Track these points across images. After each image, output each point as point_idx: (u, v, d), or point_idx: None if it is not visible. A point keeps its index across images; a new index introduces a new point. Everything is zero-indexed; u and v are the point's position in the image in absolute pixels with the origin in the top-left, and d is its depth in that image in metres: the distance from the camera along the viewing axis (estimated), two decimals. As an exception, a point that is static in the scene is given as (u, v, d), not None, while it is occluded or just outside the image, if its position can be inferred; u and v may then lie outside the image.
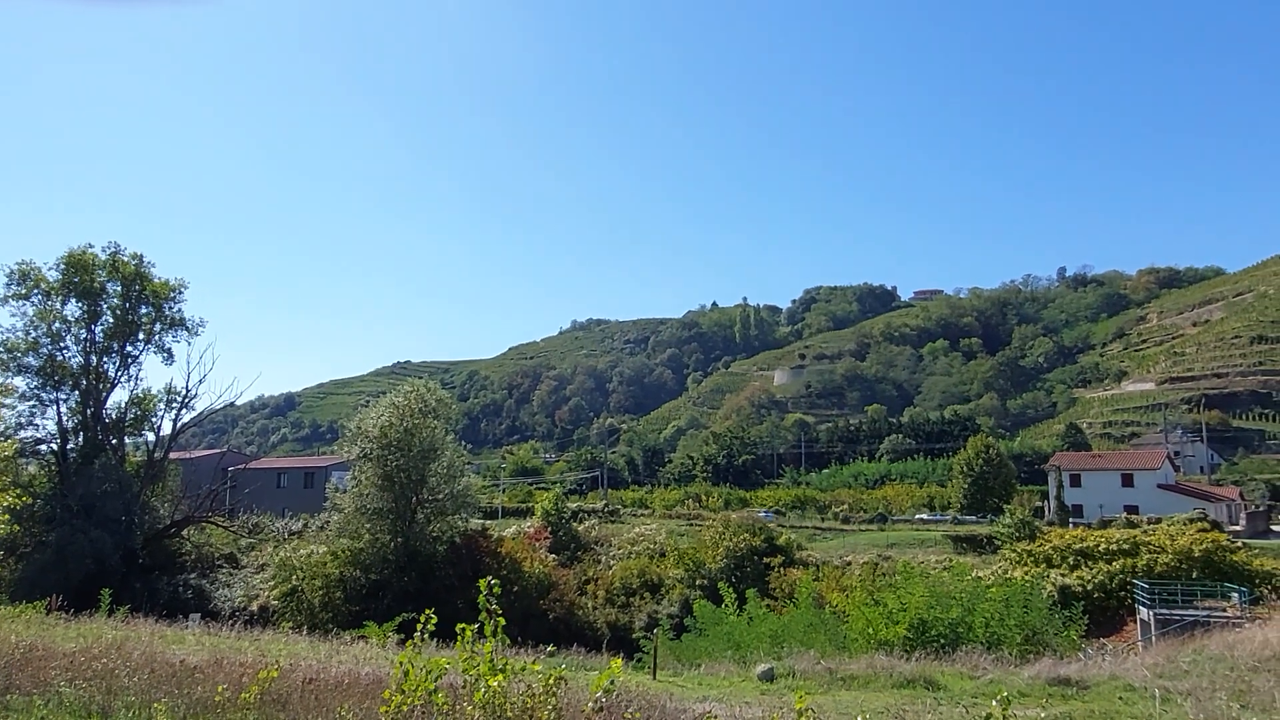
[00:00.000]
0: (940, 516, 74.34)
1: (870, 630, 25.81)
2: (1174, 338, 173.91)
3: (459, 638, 5.47)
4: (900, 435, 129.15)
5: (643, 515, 74.90)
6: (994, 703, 7.03)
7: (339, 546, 43.22)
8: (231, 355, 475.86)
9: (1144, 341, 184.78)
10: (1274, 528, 64.62)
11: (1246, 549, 40.61)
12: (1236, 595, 32.06)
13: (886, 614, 26.15)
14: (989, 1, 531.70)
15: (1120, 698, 16.26)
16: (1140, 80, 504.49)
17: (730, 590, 33.46)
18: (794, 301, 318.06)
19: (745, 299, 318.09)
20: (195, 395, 52.18)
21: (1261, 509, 70.26)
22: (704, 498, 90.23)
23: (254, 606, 43.98)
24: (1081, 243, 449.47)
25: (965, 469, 77.43)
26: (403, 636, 22.40)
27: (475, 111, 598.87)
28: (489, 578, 5.76)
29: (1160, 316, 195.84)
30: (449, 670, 5.35)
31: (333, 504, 44.81)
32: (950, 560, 42.55)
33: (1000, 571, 39.33)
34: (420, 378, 52.52)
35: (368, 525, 42.14)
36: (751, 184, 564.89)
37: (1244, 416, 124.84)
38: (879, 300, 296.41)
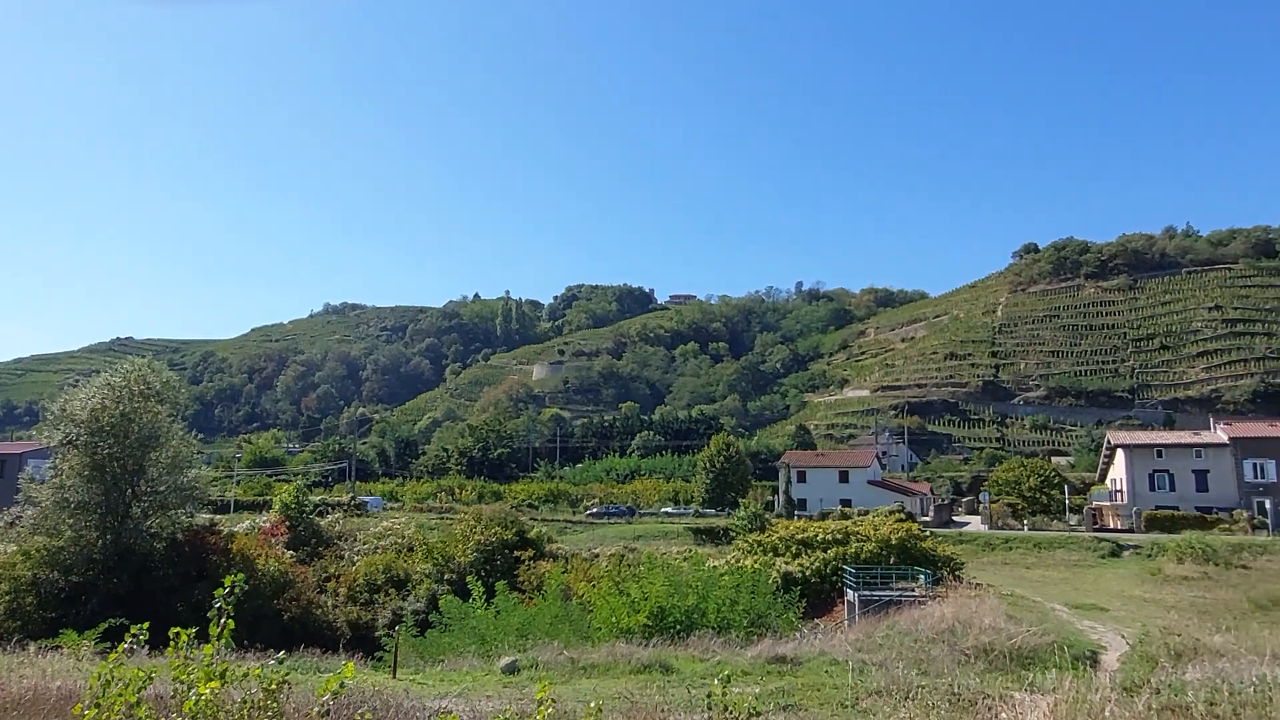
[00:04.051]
0: (684, 510, 78.41)
1: (614, 619, 26.85)
2: (886, 351, 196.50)
3: (172, 643, 5.07)
4: (651, 432, 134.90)
5: (392, 509, 72.42)
6: (715, 681, 7.68)
7: (33, 545, 38.03)
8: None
9: (863, 353, 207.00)
10: (955, 519, 75.26)
11: (933, 537, 46.94)
12: (923, 577, 36.85)
13: (629, 603, 27.35)
14: (752, 20, 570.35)
15: (826, 671, 18.20)
16: (869, 110, 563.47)
17: (479, 584, 33.27)
18: (556, 298, 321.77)
19: (508, 292, 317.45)
20: None
21: (946, 502, 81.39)
22: (457, 491, 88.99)
23: (-85, 617, 37.67)
24: (816, 259, 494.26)
25: (708, 465, 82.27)
26: (108, 645, 20.14)
27: (217, 58, 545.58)
28: (232, 576, 5.37)
29: (877, 331, 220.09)
30: (156, 679, 4.94)
31: (27, 496, 39.35)
32: (690, 551, 45.23)
33: (733, 561, 42.32)
34: (144, 356, 47.49)
35: (70, 520, 37.39)
36: (521, 176, 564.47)
37: (937, 422, 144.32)
38: (637, 301, 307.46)
